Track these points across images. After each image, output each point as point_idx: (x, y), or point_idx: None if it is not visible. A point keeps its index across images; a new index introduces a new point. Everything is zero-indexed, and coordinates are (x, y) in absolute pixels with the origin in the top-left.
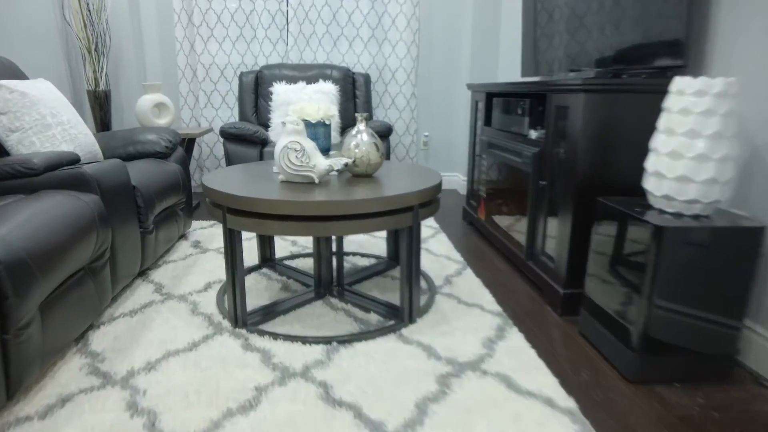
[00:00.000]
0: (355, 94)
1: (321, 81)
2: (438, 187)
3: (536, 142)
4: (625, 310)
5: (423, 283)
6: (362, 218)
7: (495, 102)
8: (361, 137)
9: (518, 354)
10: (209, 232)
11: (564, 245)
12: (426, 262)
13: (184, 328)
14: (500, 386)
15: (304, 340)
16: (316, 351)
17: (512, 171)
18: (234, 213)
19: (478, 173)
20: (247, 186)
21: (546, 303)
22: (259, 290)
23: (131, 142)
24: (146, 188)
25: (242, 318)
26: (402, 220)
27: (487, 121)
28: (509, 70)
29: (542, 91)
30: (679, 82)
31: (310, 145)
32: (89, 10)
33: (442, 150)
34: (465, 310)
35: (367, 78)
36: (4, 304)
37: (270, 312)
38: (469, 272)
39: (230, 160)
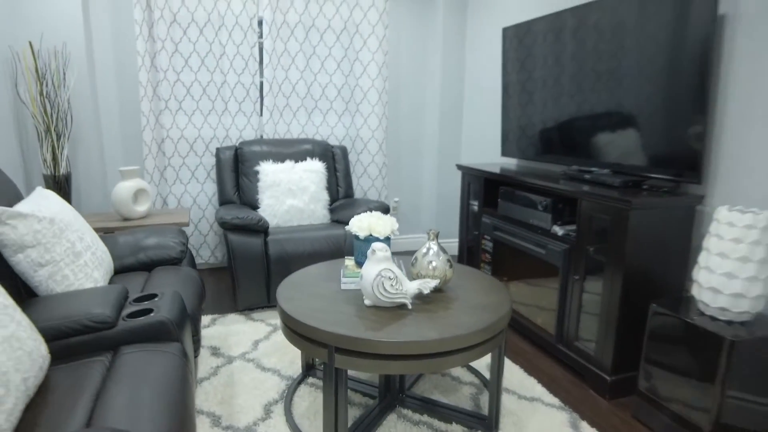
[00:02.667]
0: (335, 167)
1: (308, 159)
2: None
3: (564, 239)
4: (692, 399)
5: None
6: (467, 350)
7: (502, 191)
8: (435, 256)
9: None
10: (216, 332)
11: (610, 336)
12: None
13: None
14: None
15: None
16: None
17: (530, 258)
18: (343, 353)
19: (476, 249)
20: (350, 320)
21: (589, 387)
22: (320, 409)
23: (140, 249)
24: (192, 310)
25: None
26: (496, 342)
27: (488, 203)
28: (475, 143)
29: (572, 195)
30: (727, 215)
31: (400, 272)
32: (49, 87)
33: (410, 213)
34: (529, 407)
35: (344, 150)
36: None
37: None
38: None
39: (234, 251)
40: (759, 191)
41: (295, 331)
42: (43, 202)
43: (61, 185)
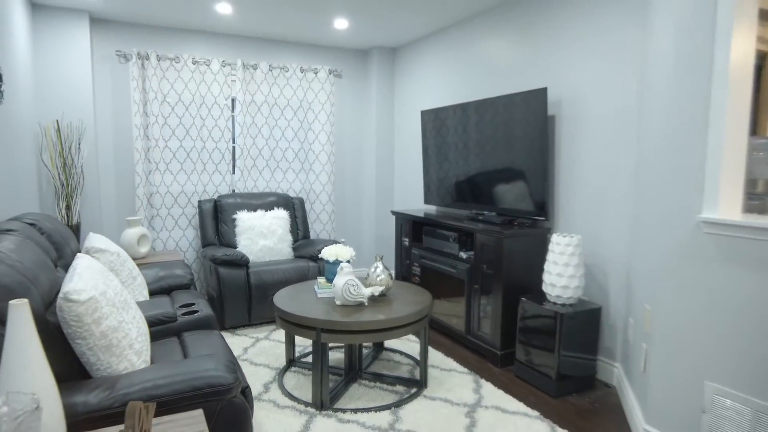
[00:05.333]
0: (295, 214)
1: (275, 208)
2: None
3: (467, 260)
4: (545, 359)
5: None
6: (404, 327)
7: (425, 229)
8: (381, 271)
9: (496, 392)
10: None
11: (497, 324)
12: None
13: (283, 419)
14: (496, 411)
15: (372, 409)
16: (386, 414)
17: (445, 276)
18: (327, 331)
19: (407, 274)
20: (328, 312)
21: (488, 361)
22: (308, 383)
23: (161, 278)
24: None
25: (326, 403)
26: (422, 324)
27: (416, 239)
28: (404, 194)
29: (471, 230)
30: (557, 238)
31: (359, 282)
32: (66, 154)
33: (354, 250)
34: (447, 374)
35: (301, 201)
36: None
37: (333, 397)
38: (428, 346)
39: (224, 281)
40: (578, 224)
41: (291, 322)
42: (103, 241)
43: (74, 232)
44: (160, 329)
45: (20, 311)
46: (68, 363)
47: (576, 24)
